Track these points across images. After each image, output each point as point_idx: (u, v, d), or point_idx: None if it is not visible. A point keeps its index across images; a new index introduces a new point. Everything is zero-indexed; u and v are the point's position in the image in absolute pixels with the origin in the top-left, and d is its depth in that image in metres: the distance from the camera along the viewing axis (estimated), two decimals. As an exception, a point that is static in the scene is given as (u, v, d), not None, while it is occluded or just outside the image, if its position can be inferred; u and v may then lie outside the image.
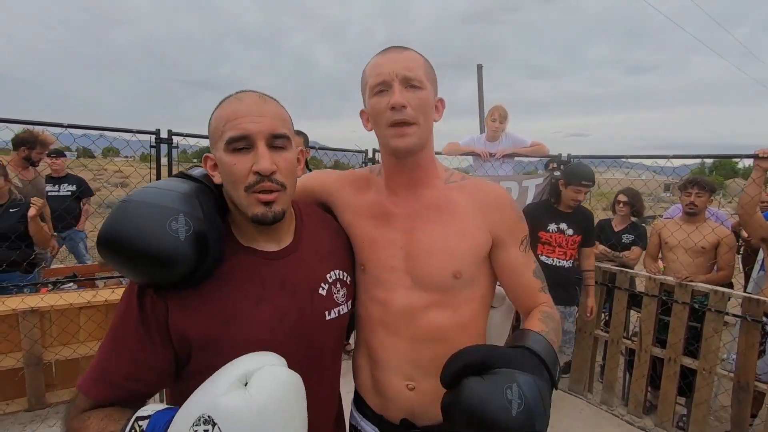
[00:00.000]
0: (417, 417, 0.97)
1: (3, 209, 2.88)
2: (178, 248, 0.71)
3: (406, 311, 0.96)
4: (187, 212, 0.74)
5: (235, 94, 0.82)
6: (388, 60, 0.90)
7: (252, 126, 0.77)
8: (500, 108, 3.44)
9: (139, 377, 0.77)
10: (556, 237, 2.83)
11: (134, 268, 0.73)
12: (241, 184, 0.78)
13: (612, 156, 3.06)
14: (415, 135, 0.90)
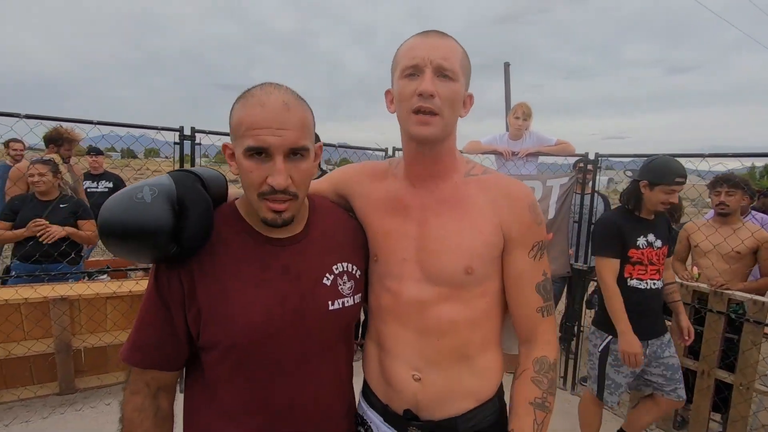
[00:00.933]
0: (421, 409, 0.96)
1: (54, 205, 3.05)
2: (147, 209, 0.75)
3: (416, 303, 0.95)
4: (150, 184, 0.79)
5: (259, 92, 0.81)
6: (426, 44, 0.87)
7: (272, 140, 0.78)
8: (524, 105, 3.34)
9: (164, 345, 0.85)
10: (648, 253, 2.19)
11: (127, 246, 0.77)
12: (255, 190, 0.81)
13: (642, 155, 2.90)
14: (437, 126, 0.87)
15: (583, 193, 3.29)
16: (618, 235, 2.14)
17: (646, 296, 2.16)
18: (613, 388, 2.23)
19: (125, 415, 0.85)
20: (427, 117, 0.86)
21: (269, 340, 0.85)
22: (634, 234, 2.17)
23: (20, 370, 2.77)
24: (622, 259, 2.15)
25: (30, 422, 2.62)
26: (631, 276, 2.18)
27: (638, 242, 2.17)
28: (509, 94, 4.78)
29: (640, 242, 2.18)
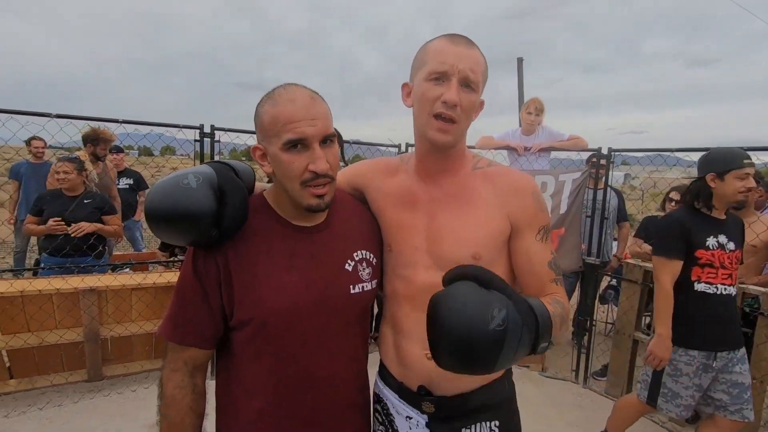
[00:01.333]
0: (434, 386, 1.01)
1: (78, 200, 3.19)
2: (194, 195, 0.82)
3: (428, 287, 1.01)
4: (193, 172, 0.87)
5: (284, 91, 0.87)
6: (456, 53, 0.90)
7: (309, 130, 0.85)
8: (537, 100, 3.36)
9: (201, 323, 0.92)
10: (719, 255, 1.99)
11: (174, 228, 0.85)
12: (297, 180, 0.88)
13: (655, 150, 2.90)
14: (454, 134, 0.94)
15: (595, 188, 3.29)
16: (682, 235, 1.99)
17: (715, 302, 1.98)
18: (669, 396, 2.07)
19: (166, 392, 0.92)
20: (446, 125, 0.92)
21: (296, 319, 0.93)
22: (702, 234, 1.99)
23: (52, 357, 2.92)
24: (689, 261, 2.00)
25: (62, 406, 2.77)
26: (699, 279, 1.99)
27: (708, 243, 1.98)
28: (522, 90, 4.79)
29: (709, 243, 1.98)
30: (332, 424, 1.01)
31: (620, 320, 3.19)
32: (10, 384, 2.87)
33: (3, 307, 2.68)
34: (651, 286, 2.99)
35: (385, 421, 1.12)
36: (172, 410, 0.91)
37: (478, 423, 1.02)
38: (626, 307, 3.13)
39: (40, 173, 4.48)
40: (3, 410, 2.69)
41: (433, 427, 1.02)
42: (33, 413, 2.68)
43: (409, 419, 1.05)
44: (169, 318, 0.94)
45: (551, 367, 3.65)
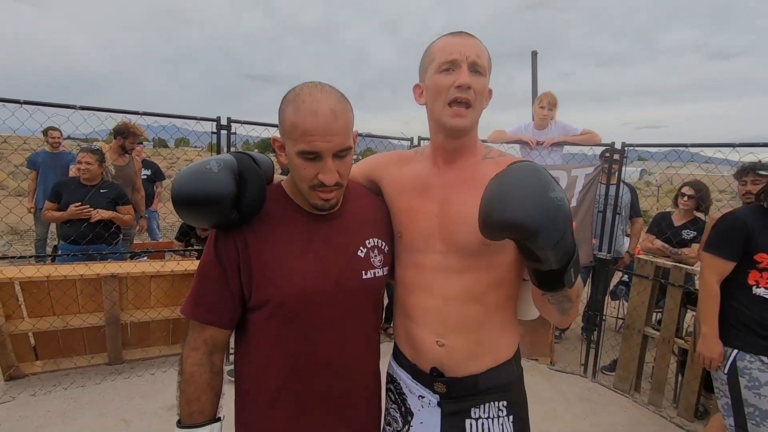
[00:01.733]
0: (445, 368, 1.06)
1: (94, 190, 3.30)
2: (215, 178, 0.89)
3: (439, 273, 1.05)
4: (216, 159, 0.93)
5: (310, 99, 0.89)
6: (460, 43, 0.97)
7: (323, 146, 0.89)
8: (549, 95, 3.35)
9: (221, 303, 0.97)
10: None
11: (198, 210, 0.91)
12: (306, 183, 0.94)
13: (670, 144, 2.88)
14: (470, 117, 0.99)
15: (608, 183, 3.29)
16: (744, 236, 1.87)
17: None
18: (759, 417, 1.78)
19: (185, 368, 0.98)
20: (462, 109, 0.97)
21: (312, 301, 0.97)
22: (764, 235, 1.85)
23: (76, 340, 3.04)
24: (745, 264, 1.88)
25: (85, 387, 2.89)
26: (757, 284, 1.87)
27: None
28: (536, 83, 4.75)
29: None
30: (346, 406, 1.05)
31: (630, 315, 3.20)
32: (37, 365, 3.01)
33: (30, 291, 2.80)
34: (662, 282, 2.99)
35: (398, 400, 1.16)
36: (190, 386, 0.96)
37: (487, 403, 1.06)
38: (637, 302, 3.14)
39: (57, 163, 4.62)
40: (30, 389, 2.82)
41: (444, 406, 1.07)
42: (58, 393, 2.80)
43: (421, 398, 1.10)
44: (190, 298, 0.99)
45: (560, 361, 3.67)
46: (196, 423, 0.96)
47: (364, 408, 1.11)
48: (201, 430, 0.96)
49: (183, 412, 0.97)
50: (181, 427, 0.96)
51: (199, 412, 0.96)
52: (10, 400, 2.70)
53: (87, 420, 2.55)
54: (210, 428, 0.97)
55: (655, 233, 3.42)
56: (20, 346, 2.90)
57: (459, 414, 1.06)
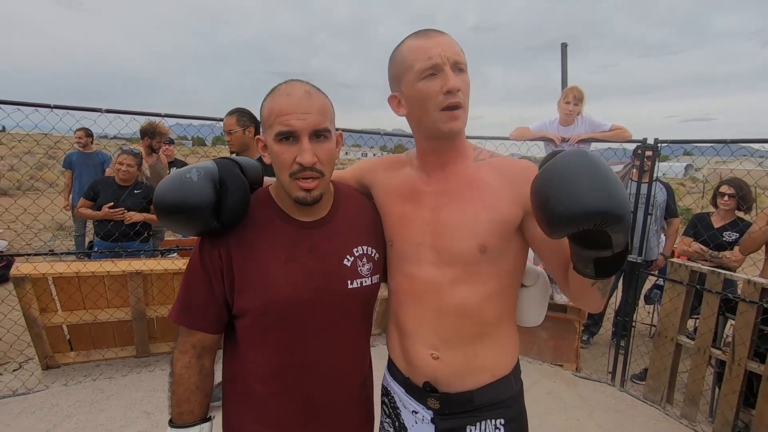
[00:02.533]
0: (439, 383, 1.01)
1: (129, 190, 3.44)
2: (195, 186, 0.88)
3: (432, 285, 1.00)
4: (197, 167, 0.92)
5: (285, 86, 0.92)
6: (436, 44, 0.91)
7: (298, 123, 0.88)
8: (575, 89, 3.19)
9: (207, 309, 0.97)
10: None
11: (177, 218, 0.90)
12: (286, 171, 0.91)
13: (706, 141, 2.67)
14: (462, 118, 0.95)
15: (639, 181, 3.09)
16: None
17: None
18: None
19: (176, 371, 0.99)
20: (456, 112, 0.92)
21: (295, 309, 0.95)
22: None
23: (104, 333, 3.19)
24: None
25: (113, 379, 3.02)
26: None
27: None
28: (566, 77, 4.55)
29: None
30: (331, 415, 1.03)
31: (662, 322, 3.01)
32: (70, 356, 3.17)
33: (62, 286, 2.95)
34: (698, 288, 2.80)
35: (392, 414, 1.13)
36: (180, 387, 0.98)
37: (483, 420, 1.00)
38: (669, 308, 2.94)
39: (90, 162, 4.85)
40: (63, 379, 2.98)
41: (438, 423, 1.02)
42: (87, 383, 2.94)
43: (415, 414, 1.06)
44: (177, 303, 0.99)
45: (586, 368, 3.51)
46: (186, 423, 0.97)
47: (352, 416, 1.08)
48: (191, 429, 0.97)
49: (174, 412, 0.98)
50: (172, 426, 0.98)
51: (188, 413, 0.98)
52: (44, 388, 2.86)
53: (112, 411, 2.67)
54: (199, 428, 0.98)
55: (692, 236, 3.20)
56: (55, 337, 3.06)
57: (454, 431, 1.01)
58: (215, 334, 1.01)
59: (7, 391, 2.79)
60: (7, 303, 3.11)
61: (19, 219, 3.69)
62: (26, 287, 2.81)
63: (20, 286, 2.80)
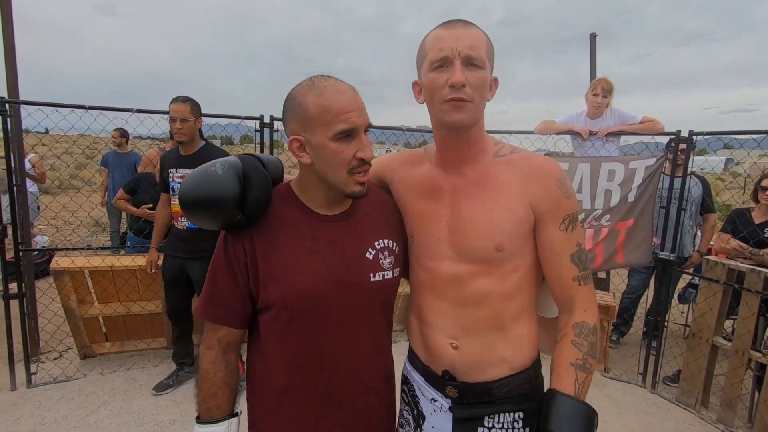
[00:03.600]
0: (458, 372, 1.02)
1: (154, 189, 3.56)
2: (221, 179, 0.91)
3: (452, 279, 1.01)
4: (221, 161, 0.95)
5: (328, 83, 0.91)
6: (452, 36, 0.90)
7: (358, 120, 0.91)
8: (604, 80, 3.08)
9: (232, 303, 0.98)
10: None
11: (203, 211, 0.93)
12: (344, 167, 0.92)
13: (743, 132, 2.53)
14: (468, 112, 0.92)
15: (672, 175, 2.96)
16: None
17: None
18: None
19: (202, 366, 1.01)
20: (459, 103, 0.90)
21: (317, 301, 0.96)
22: None
23: (137, 325, 3.32)
24: None
25: (144, 369, 3.15)
26: None
27: None
28: (595, 69, 4.42)
29: None
30: (352, 407, 1.04)
31: (697, 323, 2.88)
32: (105, 346, 3.32)
33: (97, 279, 3.08)
34: (735, 287, 2.66)
35: (411, 402, 1.14)
36: (206, 383, 1.00)
37: (502, 413, 1.00)
38: (704, 308, 2.82)
39: (123, 162, 5.04)
40: (99, 368, 3.12)
41: (456, 412, 1.02)
42: (121, 373, 3.07)
43: (433, 402, 1.06)
44: (203, 298, 1.01)
45: (615, 368, 3.41)
46: (214, 418, 0.99)
47: (373, 408, 1.08)
48: (219, 425, 0.98)
49: (201, 408, 1.00)
50: (200, 422, 0.99)
51: (216, 408, 0.99)
52: (82, 376, 3.01)
53: (144, 400, 2.78)
54: (227, 423, 0.99)
55: (729, 232, 3.05)
56: (91, 328, 3.21)
57: (471, 421, 1.01)
58: (240, 329, 1.02)
59: (48, 378, 2.95)
60: (48, 295, 3.28)
61: (58, 215, 3.87)
62: (65, 280, 2.96)
63: (59, 278, 2.95)
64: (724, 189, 9.11)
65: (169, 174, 2.69)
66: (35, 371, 2.94)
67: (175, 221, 2.75)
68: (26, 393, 2.80)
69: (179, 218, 2.73)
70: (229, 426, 0.99)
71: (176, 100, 2.59)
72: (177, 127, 2.55)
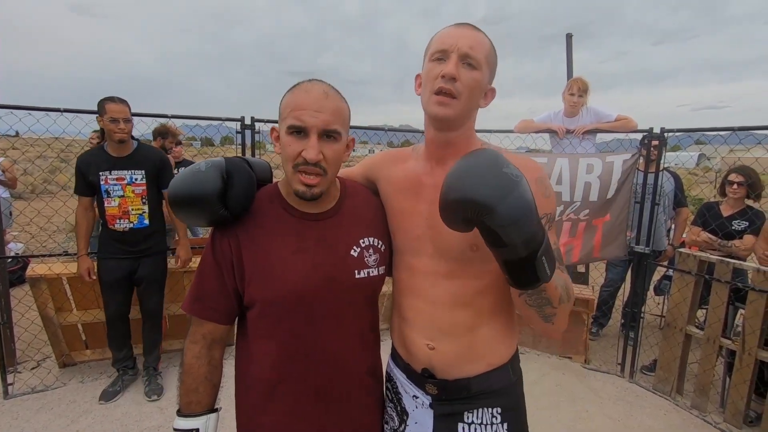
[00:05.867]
0: (436, 370, 1.05)
1: None
2: (203, 176, 0.95)
3: (429, 277, 1.03)
4: (206, 161, 0.99)
5: (306, 83, 0.96)
6: (456, 33, 0.94)
7: (310, 120, 0.92)
8: (580, 80, 3.17)
9: (218, 299, 1.01)
10: None
11: (189, 208, 0.96)
12: (291, 162, 0.95)
13: (712, 129, 2.64)
14: (454, 108, 0.93)
15: (646, 171, 3.07)
16: None
17: None
18: None
19: (185, 360, 1.02)
20: (446, 98, 0.92)
21: (303, 299, 0.98)
22: None
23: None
24: None
25: (127, 375, 3.09)
26: None
27: None
28: (571, 68, 4.52)
29: None
30: (340, 401, 1.06)
31: (671, 313, 2.99)
32: (86, 354, 3.25)
33: (76, 286, 3.02)
34: (706, 277, 2.77)
35: (394, 399, 1.16)
36: (188, 377, 1.01)
37: (480, 408, 1.03)
38: (678, 299, 2.93)
39: None
40: (79, 376, 3.06)
41: (437, 408, 1.05)
42: (103, 380, 3.01)
43: (415, 398, 1.09)
44: (190, 293, 1.03)
45: (595, 359, 3.50)
46: (194, 412, 1.00)
47: (361, 403, 1.11)
48: (198, 419, 1.00)
49: (182, 401, 1.02)
50: (180, 415, 1.01)
51: (196, 403, 1.01)
52: (62, 385, 2.94)
53: (128, 407, 2.73)
54: (206, 418, 1.01)
55: (700, 225, 3.17)
56: (71, 335, 3.14)
57: (452, 416, 1.04)
58: (225, 325, 1.04)
59: (26, 388, 2.87)
60: (24, 303, 3.19)
61: (33, 221, 3.77)
62: (42, 287, 2.89)
63: (36, 286, 2.88)
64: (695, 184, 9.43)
65: (100, 177, 2.58)
66: (12, 381, 2.86)
67: (111, 224, 2.65)
68: (3, 404, 2.73)
69: (116, 221, 2.64)
70: (207, 421, 1.01)
71: (113, 100, 2.54)
72: (120, 127, 2.53)
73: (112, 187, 2.60)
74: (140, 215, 2.69)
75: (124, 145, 2.61)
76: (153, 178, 2.68)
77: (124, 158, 2.62)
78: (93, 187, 2.61)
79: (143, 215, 2.70)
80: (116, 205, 2.62)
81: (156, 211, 2.76)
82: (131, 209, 2.66)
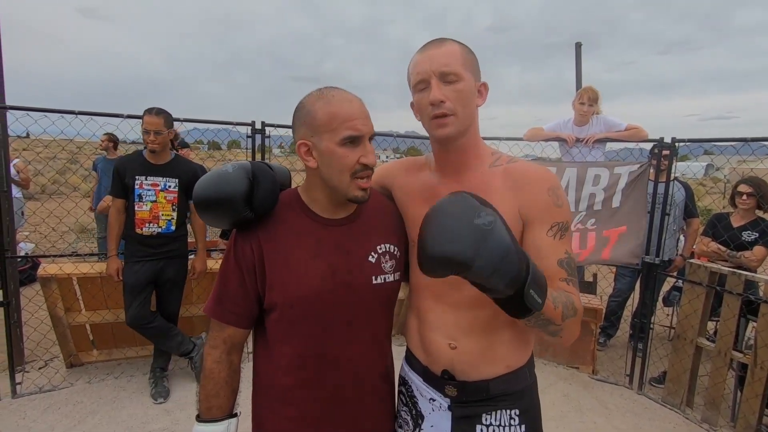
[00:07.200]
0: (456, 371, 1.05)
1: None
2: (229, 178, 0.97)
3: (449, 282, 1.03)
4: (232, 163, 1.01)
5: (336, 93, 0.97)
6: (426, 58, 0.97)
7: (364, 128, 0.96)
8: (590, 89, 3.16)
9: (239, 303, 1.02)
10: None
11: (215, 208, 0.98)
12: (348, 171, 0.96)
13: (724, 139, 2.63)
14: (453, 125, 0.97)
15: (656, 181, 3.05)
16: None
17: None
18: None
19: (206, 365, 1.03)
20: (443, 119, 0.97)
21: (321, 303, 0.99)
22: None
23: (126, 333, 3.23)
24: None
25: (133, 377, 3.10)
26: None
27: None
28: (580, 77, 4.52)
29: None
30: (354, 406, 1.06)
31: (681, 324, 2.96)
32: (93, 354, 3.27)
33: (85, 286, 3.04)
34: (717, 289, 2.74)
35: (409, 403, 1.16)
36: (209, 382, 1.02)
37: (499, 410, 1.03)
38: (688, 310, 2.89)
39: (109, 167, 4.98)
40: (86, 376, 3.07)
41: (455, 410, 1.05)
42: (110, 381, 3.03)
43: (432, 401, 1.09)
44: (212, 297, 1.04)
45: (603, 370, 3.47)
46: (215, 418, 1.01)
47: (374, 409, 1.11)
48: (219, 424, 1.01)
49: (202, 406, 1.02)
50: (200, 421, 1.01)
51: (217, 408, 1.01)
52: (69, 386, 2.95)
53: (133, 408, 2.74)
54: (227, 423, 1.02)
55: (710, 236, 3.14)
56: (79, 336, 3.16)
57: (470, 419, 1.04)
58: (245, 329, 1.05)
59: (33, 387, 2.89)
60: (34, 303, 3.22)
61: (45, 222, 3.81)
62: (52, 287, 2.92)
63: (47, 286, 2.91)
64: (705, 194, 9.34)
65: (135, 181, 2.68)
66: (20, 381, 2.88)
67: (139, 227, 2.72)
68: (11, 403, 2.75)
69: (145, 224, 2.72)
70: (228, 426, 1.01)
71: (150, 112, 2.65)
72: (151, 139, 2.64)
73: (146, 192, 2.70)
74: (169, 221, 2.78)
75: (158, 155, 2.71)
76: (185, 188, 2.77)
77: (160, 166, 2.73)
78: (127, 189, 2.70)
79: (171, 221, 2.78)
80: (148, 210, 2.72)
81: (181, 218, 2.85)
82: (161, 214, 2.75)
